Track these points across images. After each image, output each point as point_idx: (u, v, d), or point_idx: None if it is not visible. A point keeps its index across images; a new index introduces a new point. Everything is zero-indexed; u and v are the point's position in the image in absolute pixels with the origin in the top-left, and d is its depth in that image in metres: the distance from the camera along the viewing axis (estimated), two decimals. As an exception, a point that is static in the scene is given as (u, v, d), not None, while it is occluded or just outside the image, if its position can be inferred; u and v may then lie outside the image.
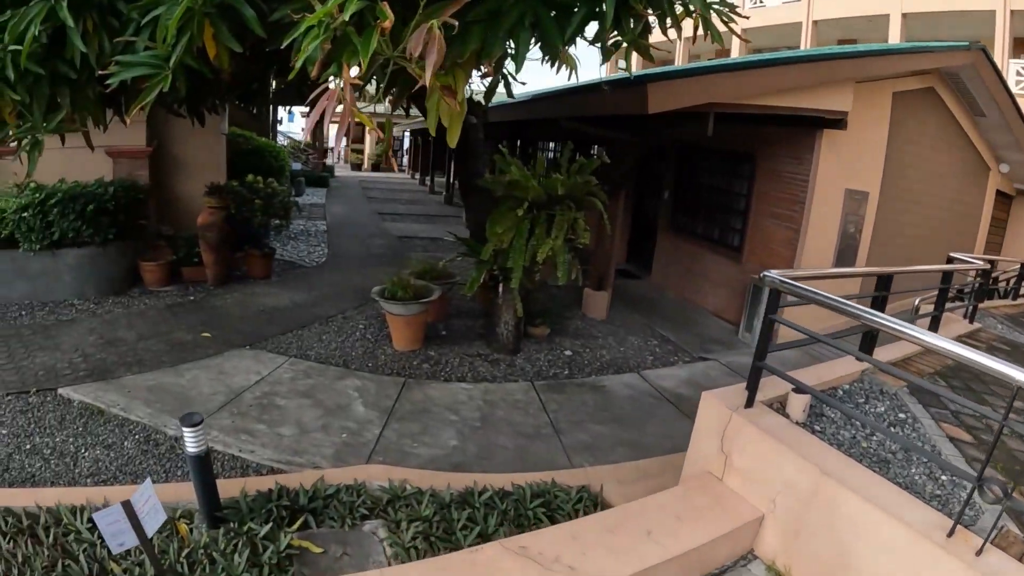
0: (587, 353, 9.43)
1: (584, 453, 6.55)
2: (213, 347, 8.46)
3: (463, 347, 9.20)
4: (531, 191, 8.00)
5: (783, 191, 10.83)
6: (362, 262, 14.39)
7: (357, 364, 8.31)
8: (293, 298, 10.91)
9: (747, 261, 11.57)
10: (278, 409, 6.91)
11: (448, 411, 7.23)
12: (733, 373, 8.99)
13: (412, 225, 20.92)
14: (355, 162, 49.00)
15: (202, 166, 12.60)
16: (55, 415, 6.61)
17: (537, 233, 8.07)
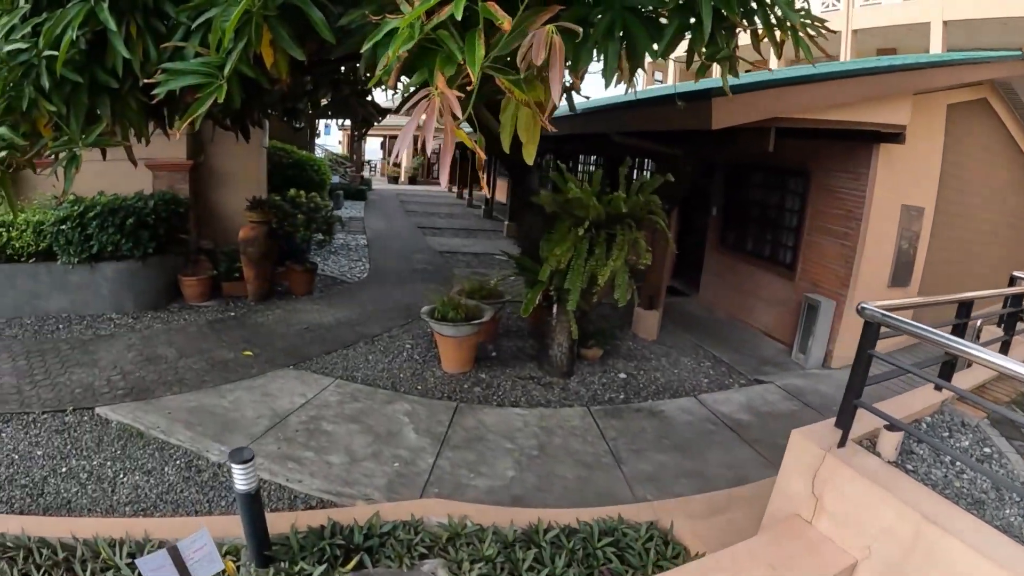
0: (641, 376, 9.05)
1: (647, 484, 6.17)
2: (256, 366, 8.18)
3: (515, 369, 8.86)
4: (592, 210, 7.65)
5: (838, 207, 10.41)
6: (405, 278, 14.11)
7: (406, 387, 7.99)
8: (337, 315, 10.62)
9: (800, 279, 11.14)
10: (326, 435, 6.58)
11: (504, 438, 6.87)
12: (791, 397, 8.63)
13: (453, 239, 20.49)
14: (392, 175, 48.96)
15: (243, 180, 12.38)
16: (92, 436, 6.36)
17: (597, 254, 7.72)
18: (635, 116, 9.66)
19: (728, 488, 6.10)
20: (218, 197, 12.32)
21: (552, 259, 7.72)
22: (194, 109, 3.52)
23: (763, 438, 7.23)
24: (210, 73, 3.55)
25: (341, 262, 15.07)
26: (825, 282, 10.43)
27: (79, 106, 4.24)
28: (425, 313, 8.51)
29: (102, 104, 4.34)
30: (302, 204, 11.89)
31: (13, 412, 6.73)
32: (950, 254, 12.48)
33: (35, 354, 8.28)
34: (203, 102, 3.52)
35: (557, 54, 2.66)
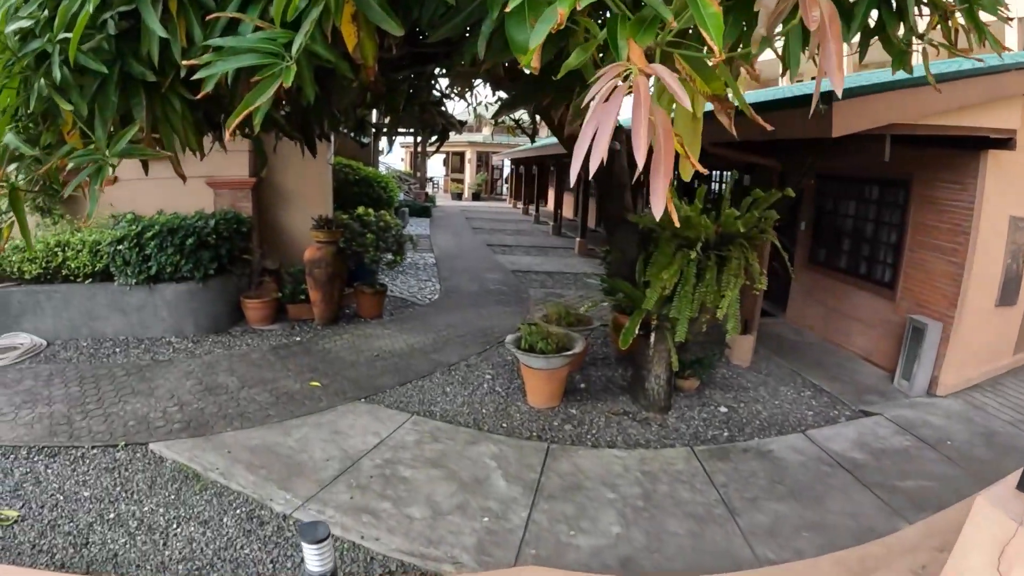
0: (743, 409, 8.26)
1: (766, 540, 5.40)
2: (324, 399, 7.52)
3: (606, 403, 8.06)
4: (704, 230, 6.97)
5: (944, 220, 9.58)
6: (478, 300, 13.37)
7: (490, 424, 7.24)
8: (409, 341, 9.94)
9: (901, 299, 10.31)
10: (404, 482, 5.83)
11: (604, 487, 6.05)
12: (903, 431, 7.75)
13: (524, 258, 19.80)
14: (456, 191, 48.98)
15: (307, 197, 11.89)
16: (145, 476, 5.73)
17: (707, 279, 6.99)
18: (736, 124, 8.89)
19: (857, 545, 5.34)
20: (282, 216, 11.85)
21: (658, 284, 6.98)
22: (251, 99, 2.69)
23: (882, 481, 6.45)
24: (273, 52, 2.71)
25: (410, 282, 14.54)
26: (930, 302, 9.65)
27: (106, 106, 3.46)
28: (511, 343, 7.83)
29: (136, 103, 3.57)
30: (371, 223, 11.32)
31: (62, 446, 6.19)
32: None
33: (89, 380, 7.79)
34: (264, 89, 2.69)
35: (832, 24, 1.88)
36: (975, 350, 9.62)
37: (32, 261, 9.12)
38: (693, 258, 6.92)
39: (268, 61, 2.71)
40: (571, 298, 13.65)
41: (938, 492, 6.25)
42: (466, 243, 22.28)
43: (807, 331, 12.54)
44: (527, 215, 35.72)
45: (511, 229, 28.04)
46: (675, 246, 7.13)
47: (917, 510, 5.86)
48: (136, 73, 3.37)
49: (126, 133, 3.37)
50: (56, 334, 9.34)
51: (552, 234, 26.57)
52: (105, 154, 3.38)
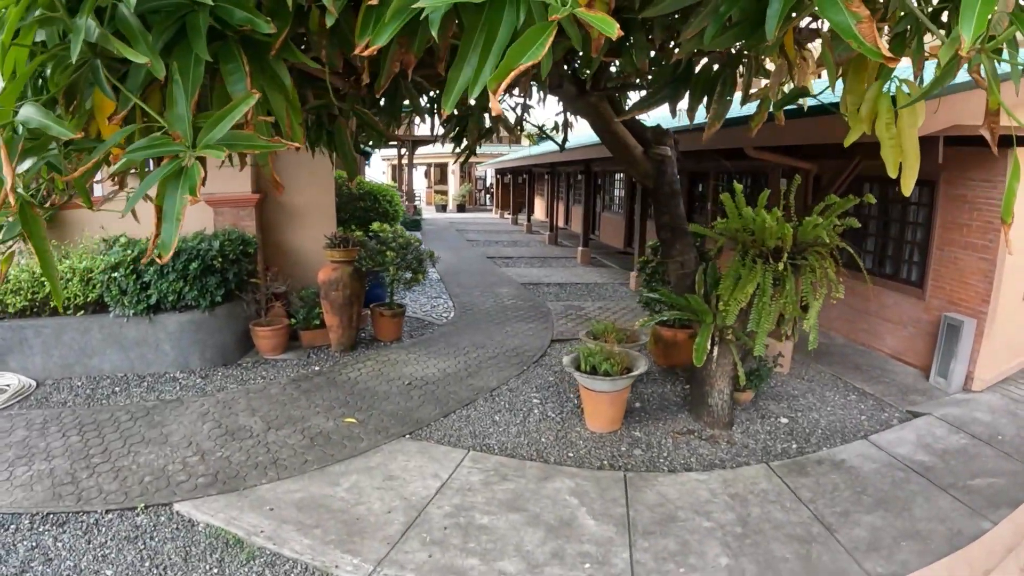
0: (801, 418, 8.03)
1: (870, 555, 5.20)
2: (364, 437, 6.81)
3: (667, 422, 7.60)
4: (785, 239, 6.65)
5: (974, 218, 9.61)
6: (497, 316, 12.75)
7: (556, 456, 6.63)
8: (439, 366, 9.28)
9: (932, 297, 10.32)
10: (484, 531, 5.14)
11: (697, 515, 5.60)
12: (957, 430, 7.70)
13: (529, 270, 19.35)
14: (440, 203, 48.91)
15: (312, 214, 11.24)
16: (176, 546, 4.94)
17: (787, 289, 6.70)
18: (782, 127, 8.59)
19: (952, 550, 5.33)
20: (287, 234, 11.19)
21: (740, 297, 6.64)
22: (515, 55, 1.83)
23: (954, 481, 6.40)
24: None
25: (420, 300, 13.98)
26: (963, 299, 9.73)
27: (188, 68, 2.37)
28: (569, 365, 7.29)
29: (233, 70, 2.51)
30: (389, 240, 10.64)
31: (70, 511, 5.39)
32: None
33: (90, 427, 7.00)
34: (536, 40, 1.84)
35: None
36: (1007, 344, 9.86)
37: (16, 292, 8.36)
38: (771, 269, 6.67)
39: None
40: (591, 310, 13.27)
41: (1007, 488, 6.31)
42: (465, 256, 21.94)
43: (833, 333, 12.54)
44: (517, 225, 35.80)
45: (506, 240, 27.89)
46: (751, 258, 6.83)
47: (994, 508, 5.90)
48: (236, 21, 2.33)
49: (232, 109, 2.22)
50: (47, 373, 8.59)
51: (549, 244, 26.46)
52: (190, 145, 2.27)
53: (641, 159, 7.90)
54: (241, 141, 2.33)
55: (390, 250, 10.32)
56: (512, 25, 1.98)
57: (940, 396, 9.05)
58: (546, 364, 9.21)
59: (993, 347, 9.37)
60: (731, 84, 4.19)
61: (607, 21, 1.74)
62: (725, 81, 4.18)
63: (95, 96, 2.56)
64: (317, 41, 2.93)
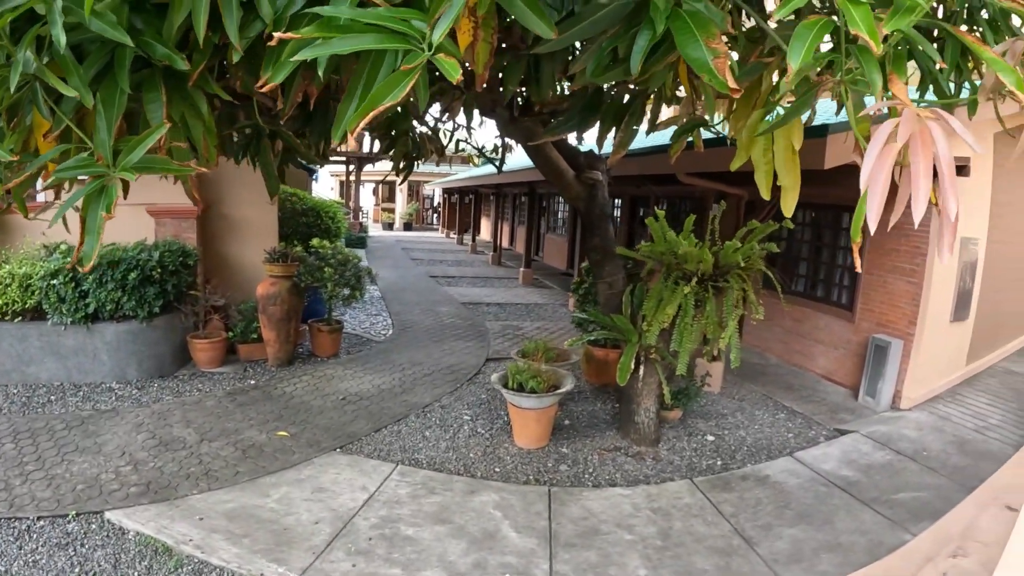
0: (727, 436, 8.27)
1: (791, 567, 5.38)
2: (296, 451, 6.89)
3: (595, 439, 7.76)
4: (704, 263, 6.86)
5: (901, 243, 10.05)
6: (435, 334, 12.85)
7: (483, 471, 6.77)
8: (375, 382, 9.36)
9: (861, 319, 10.73)
10: (409, 542, 5.27)
11: (619, 528, 5.75)
12: (882, 446, 8.09)
13: (471, 289, 19.57)
14: (387, 221, 48.69)
15: (255, 228, 11.25)
16: (106, 554, 5.00)
17: (708, 311, 6.91)
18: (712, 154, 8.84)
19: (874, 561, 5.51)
20: (229, 247, 11.17)
21: (660, 318, 6.82)
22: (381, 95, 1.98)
23: (878, 496, 6.68)
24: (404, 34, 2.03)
25: (360, 317, 13.98)
26: (891, 321, 10.13)
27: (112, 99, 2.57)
28: (497, 382, 7.43)
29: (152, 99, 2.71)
30: (328, 256, 10.69)
31: (2, 517, 5.42)
32: (999, 283, 12.63)
33: (24, 435, 7.00)
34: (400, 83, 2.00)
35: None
36: (934, 364, 10.28)
37: (-49, 298, 8.28)
38: (691, 291, 6.83)
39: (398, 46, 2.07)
40: (529, 330, 13.43)
41: (929, 501, 6.59)
42: (409, 275, 22.02)
43: (767, 354, 12.83)
44: (462, 244, 35.85)
45: (451, 259, 27.91)
46: (673, 279, 7.03)
47: (916, 520, 6.14)
48: (158, 57, 2.55)
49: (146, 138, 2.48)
50: (-17, 379, 8.48)
51: (492, 264, 26.55)
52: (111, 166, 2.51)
53: (573, 183, 8.05)
54: (157, 164, 2.57)
55: (328, 266, 10.36)
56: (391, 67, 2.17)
57: (869, 415, 9.36)
58: (480, 382, 9.35)
59: (921, 367, 9.69)
60: (639, 113, 4.30)
61: (454, 66, 1.95)
62: (634, 111, 4.30)
63: (34, 114, 2.71)
64: (234, 72, 3.15)
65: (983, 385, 11.18)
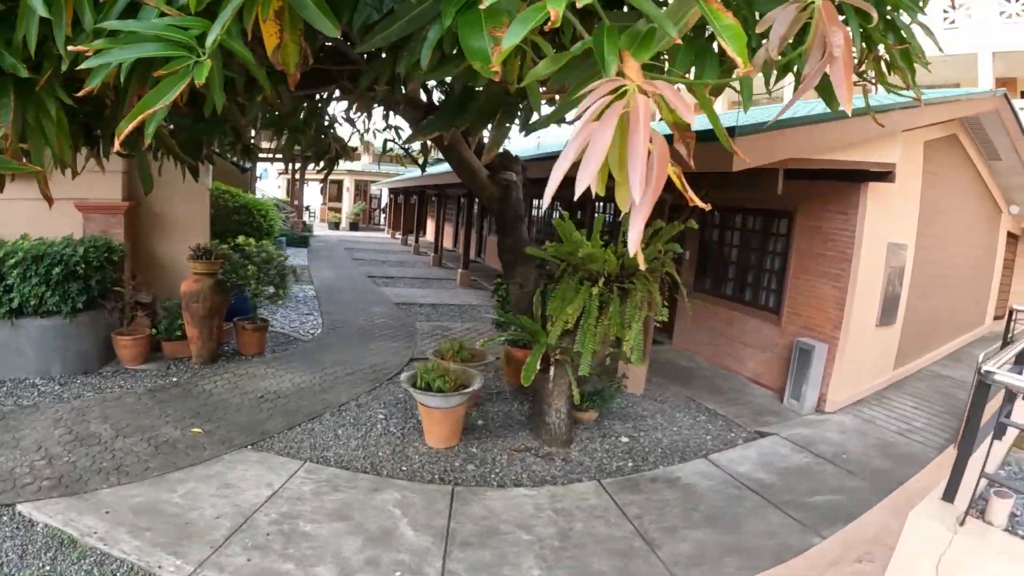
0: (643, 438, 8.35)
1: (691, 570, 5.41)
2: (209, 447, 6.96)
3: (507, 440, 7.86)
4: (608, 264, 6.93)
5: (828, 248, 10.30)
6: (364, 334, 12.89)
7: (389, 469, 6.86)
8: (295, 380, 9.43)
9: (787, 323, 10.95)
10: (306, 538, 5.39)
11: (518, 528, 5.84)
12: (801, 449, 8.24)
13: (408, 290, 19.57)
14: (333, 220, 48.33)
15: (185, 225, 11.21)
16: (14, 544, 5.08)
17: (611, 312, 6.91)
18: None
19: (779, 564, 5.59)
20: (158, 244, 11.13)
21: (562, 319, 6.88)
22: (151, 100, 2.13)
23: (790, 499, 6.78)
24: (183, 43, 2.17)
25: (290, 316, 13.95)
26: (816, 325, 10.34)
27: None
28: (405, 381, 7.51)
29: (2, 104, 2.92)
30: (253, 254, 10.71)
31: (-83, 509, 5.43)
32: (928, 289, 12.95)
33: (-56, 430, 6.96)
34: (169, 88, 2.14)
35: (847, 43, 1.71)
36: (859, 367, 10.47)
37: None
38: (596, 292, 6.86)
39: (176, 53, 2.19)
40: (458, 331, 13.50)
41: (844, 504, 6.69)
42: (347, 275, 21.92)
43: (696, 357, 12.96)
44: (406, 245, 35.70)
45: (393, 260, 27.86)
46: (578, 280, 7.08)
47: (828, 524, 6.22)
48: (6, 66, 2.75)
49: None
50: (-99, 376, 8.42)
51: (433, 265, 26.52)
52: None
53: (487, 183, 8.15)
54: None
55: (252, 264, 10.38)
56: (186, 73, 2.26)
57: (793, 417, 9.52)
58: (399, 382, 9.48)
59: (846, 370, 9.88)
60: (512, 111, 4.29)
61: (206, 67, 2.15)
62: (506, 108, 4.29)
63: None
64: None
65: (911, 389, 11.46)
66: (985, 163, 15.19)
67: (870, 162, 9.09)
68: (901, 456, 8.14)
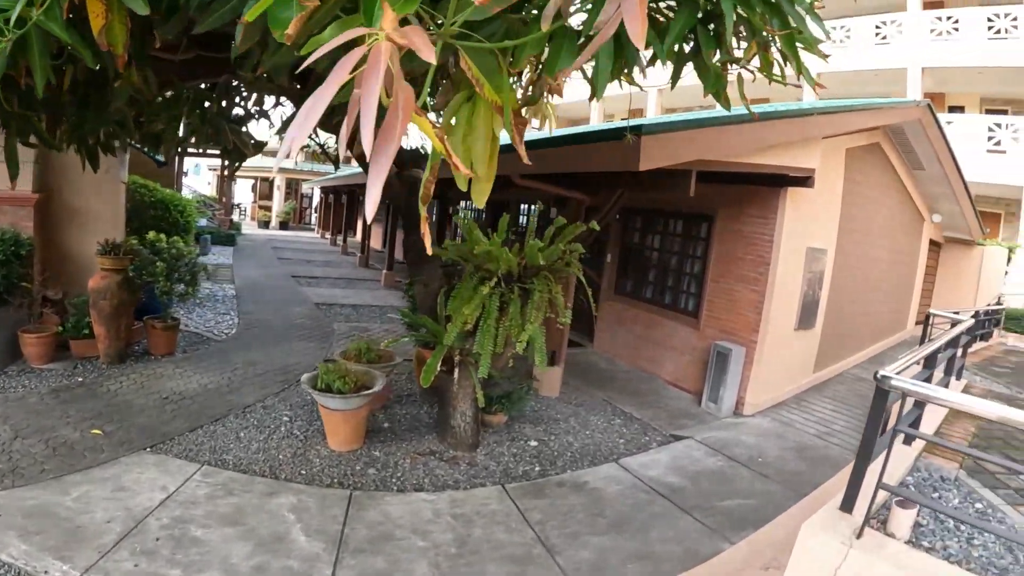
0: (553, 441, 8.35)
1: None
2: (107, 449, 6.83)
3: (412, 443, 7.80)
4: (505, 263, 6.85)
5: (747, 252, 10.40)
6: (280, 334, 12.79)
7: (288, 472, 6.78)
8: (203, 381, 9.29)
9: (706, 327, 11.10)
10: (195, 543, 5.31)
11: (414, 534, 5.77)
12: (715, 452, 8.31)
13: (331, 290, 19.36)
14: (263, 219, 47.74)
15: (100, 219, 11.05)
16: (-102, 550, 4.93)
17: (511, 312, 6.89)
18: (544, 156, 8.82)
19: (683, 573, 5.55)
20: (70, 239, 10.90)
21: (459, 319, 6.83)
22: None
23: (700, 503, 6.80)
24: None
25: (207, 316, 13.71)
26: (734, 328, 10.44)
27: None
28: (307, 382, 7.42)
29: None
30: (163, 250, 10.52)
31: None
32: (849, 293, 13.17)
33: None
34: None
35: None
36: (778, 371, 10.55)
37: None
38: (490, 291, 6.82)
39: None
40: (377, 332, 13.47)
41: (757, 508, 6.72)
42: (271, 274, 21.70)
43: (617, 360, 13.02)
44: (335, 246, 35.53)
45: (319, 260, 27.64)
46: (477, 279, 7.02)
47: (738, 529, 6.25)
48: None
49: None
50: None
51: (359, 266, 26.43)
52: None
53: (393, 180, 7.95)
54: None
55: (161, 261, 10.23)
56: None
57: (710, 420, 9.61)
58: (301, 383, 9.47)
59: (764, 373, 9.99)
60: None
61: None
62: None
63: None
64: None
65: (831, 392, 11.71)
66: (908, 172, 15.57)
67: (789, 166, 9.14)
68: (818, 459, 8.26)
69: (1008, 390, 13.25)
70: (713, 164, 7.98)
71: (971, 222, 19.67)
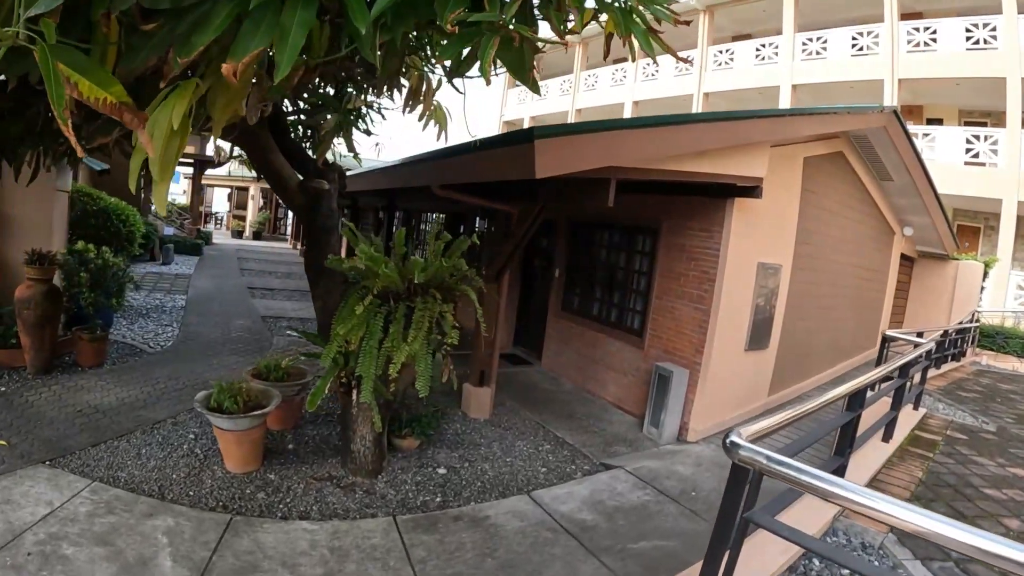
0: (465, 469, 8.15)
1: None
2: (7, 461, 6.93)
3: (312, 467, 7.75)
4: (382, 279, 6.76)
5: (691, 267, 10.12)
6: (215, 347, 12.75)
7: (175, 493, 6.75)
8: (122, 394, 9.32)
9: (650, 347, 10.82)
10: (62, 561, 5.36)
11: (282, 567, 5.53)
12: (644, 484, 7.86)
13: (283, 303, 19.41)
14: (237, 229, 47.53)
15: (37, 228, 11.05)
16: None
17: (392, 332, 6.68)
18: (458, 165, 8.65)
19: None
20: (8, 247, 10.95)
21: (337, 339, 6.79)
22: None
23: (612, 544, 6.32)
24: None
25: (148, 327, 13.69)
26: (677, 349, 10.16)
27: None
28: (199, 401, 7.36)
29: None
30: (89, 260, 10.63)
31: None
32: (809, 311, 12.80)
33: None
34: None
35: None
36: (726, 394, 10.24)
37: None
38: (366, 309, 6.72)
39: None
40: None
41: (674, 552, 6.22)
42: (227, 285, 21.60)
43: (563, 379, 12.82)
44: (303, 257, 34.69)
45: (282, 272, 27.48)
46: (356, 296, 6.92)
47: (649, 575, 5.79)
48: None
49: None
50: None
51: (321, 278, 26.08)
52: None
53: (294, 191, 7.92)
54: None
55: (85, 271, 10.29)
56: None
57: (649, 447, 9.31)
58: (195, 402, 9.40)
59: (709, 397, 9.73)
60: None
61: None
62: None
63: None
64: None
65: (788, 416, 11.41)
66: (876, 183, 15.37)
67: (731, 175, 8.69)
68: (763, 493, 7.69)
69: (974, 419, 12.97)
70: (632, 172, 7.42)
71: (944, 236, 19.51)
